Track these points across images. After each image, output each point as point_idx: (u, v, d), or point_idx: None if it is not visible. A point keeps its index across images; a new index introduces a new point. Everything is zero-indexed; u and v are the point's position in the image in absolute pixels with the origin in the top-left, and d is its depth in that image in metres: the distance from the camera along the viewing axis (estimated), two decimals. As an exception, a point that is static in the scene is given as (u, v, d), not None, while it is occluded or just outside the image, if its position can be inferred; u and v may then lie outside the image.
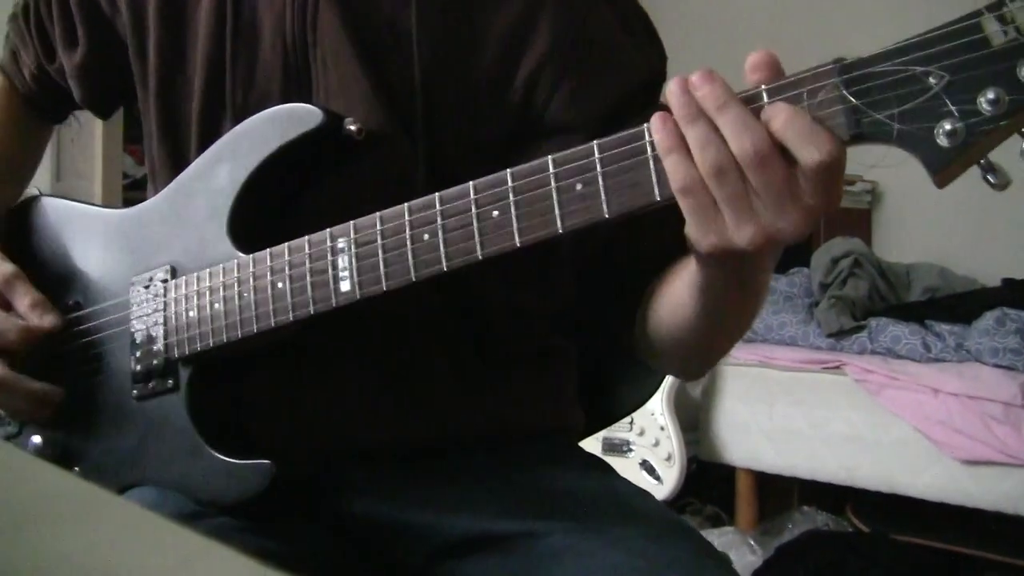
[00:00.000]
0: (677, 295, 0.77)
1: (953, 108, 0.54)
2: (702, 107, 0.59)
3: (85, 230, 0.96)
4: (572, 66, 0.83)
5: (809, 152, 0.57)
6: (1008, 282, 2.59)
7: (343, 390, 0.85)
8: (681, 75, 0.61)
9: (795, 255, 2.79)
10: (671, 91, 0.60)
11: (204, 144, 0.87)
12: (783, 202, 0.58)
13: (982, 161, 0.56)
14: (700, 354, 0.84)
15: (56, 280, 0.94)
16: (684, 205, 0.61)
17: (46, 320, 0.90)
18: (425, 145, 0.82)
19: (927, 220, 3.08)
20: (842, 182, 0.61)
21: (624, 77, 0.84)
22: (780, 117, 0.58)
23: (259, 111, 0.85)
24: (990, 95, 0.53)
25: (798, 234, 0.59)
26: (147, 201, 0.91)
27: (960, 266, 2.77)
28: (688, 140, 0.60)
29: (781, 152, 0.58)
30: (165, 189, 0.89)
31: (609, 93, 0.83)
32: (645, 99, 0.84)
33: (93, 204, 1.00)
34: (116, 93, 1.00)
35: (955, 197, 2.94)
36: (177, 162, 0.91)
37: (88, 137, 2.70)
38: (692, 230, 0.62)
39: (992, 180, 0.56)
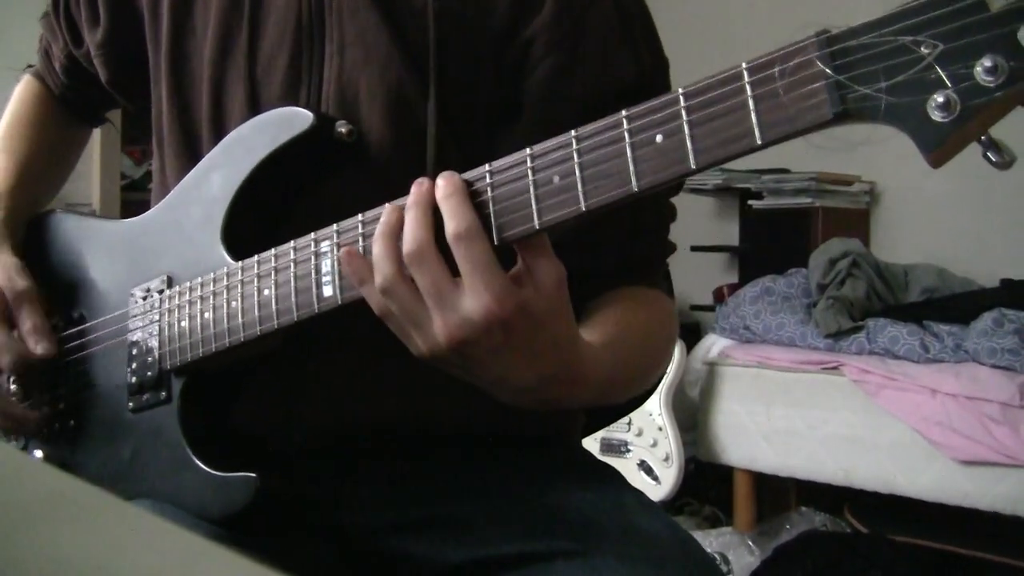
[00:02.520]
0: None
1: (946, 78, 0.50)
2: (433, 197, 0.65)
3: (92, 243, 0.96)
4: (564, 45, 0.84)
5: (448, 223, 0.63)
6: (1006, 283, 2.59)
7: (345, 385, 0.84)
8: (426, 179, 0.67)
9: (793, 256, 2.79)
10: (415, 187, 0.66)
11: (214, 104, 0.88)
12: (442, 294, 0.63)
13: (982, 138, 0.51)
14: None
15: (64, 293, 0.95)
16: (392, 322, 0.66)
17: (39, 348, 0.91)
18: (437, 105, 0.82)
19: (925, 220, 3.08)
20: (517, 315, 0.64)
21: (608, 74, 0.84)
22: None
23: (269, 67, 0.85)
24: (987, 63, 0.49)
25: (448, 342, 0.64)
26: (149, 211, 0.92)
27: (958, 267, 2.77)
28: (406, 221, 0.65)
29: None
30: (166, 198, 0.89)
31: (589, 83, 0.83)
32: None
33: (103, 217, 1.00)
34: (138, 71, 1.00)
35: (953, 197, 2.95)
36: (187, 127, 0.91)
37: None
38: (410, 345, 0.67)
39: (994, 158, 0.51)
